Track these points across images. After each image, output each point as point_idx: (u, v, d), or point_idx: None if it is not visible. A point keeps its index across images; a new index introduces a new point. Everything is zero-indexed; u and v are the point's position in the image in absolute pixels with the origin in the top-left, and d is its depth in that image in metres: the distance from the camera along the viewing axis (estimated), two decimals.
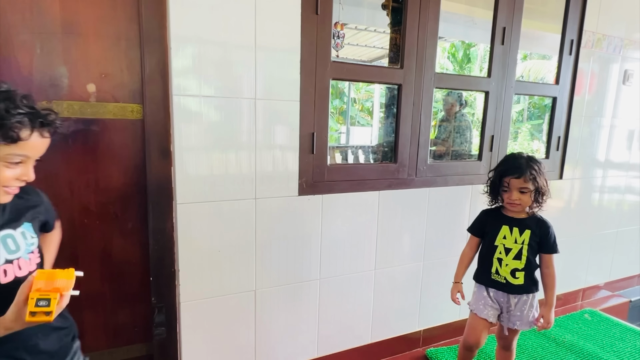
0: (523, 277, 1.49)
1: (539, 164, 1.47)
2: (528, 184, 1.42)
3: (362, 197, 1.75)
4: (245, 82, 1.44)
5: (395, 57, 1.85)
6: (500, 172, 1.49)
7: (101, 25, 1.39)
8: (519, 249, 1.49)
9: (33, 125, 0.80)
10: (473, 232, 1.62)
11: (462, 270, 1.62)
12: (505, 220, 1.52)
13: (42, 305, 0.73)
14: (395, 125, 1.79)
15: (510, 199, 1.45)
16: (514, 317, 1.54)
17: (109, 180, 1.49)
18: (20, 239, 0.87)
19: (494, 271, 1.54)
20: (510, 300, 1.53)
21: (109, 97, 1.44)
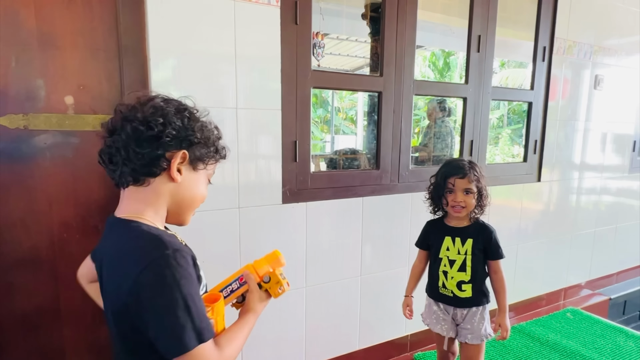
0: (470, 290, 1.45)
1: (480, 168, 1.45)
2: (472, 185, 1.40)
3: (346, 203, 1.76)
4: (226, 92, 1.45)
5: (376, 66, 1.89)
6: (444, 173, 1.44)
7: (79, 36, 1.38)
8: (462, 259, 1.44)
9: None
10: (419, 245, 1.58)
11: (412, 284, 1.59)
12: (448, 230, 1.48)
13: (284, 278, 0.88)
14: (377, 132, 1.82)
15: (455, 201, 1.41)
16: (464, 331, 1.48)
17: (89, 193, 1.46)
18: None
19: (440, 285, 1.49)
20: (459, 313, 1.48)
21: (87, 109, 1.42)
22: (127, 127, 0.71)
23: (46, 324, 1.46)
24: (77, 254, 1.47)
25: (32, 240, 1.41)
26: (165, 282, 0.65)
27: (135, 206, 0.75)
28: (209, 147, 0.79)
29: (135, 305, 0.66)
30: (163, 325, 0.65)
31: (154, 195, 0.75)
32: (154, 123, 0.71)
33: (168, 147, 0.73)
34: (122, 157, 0.71)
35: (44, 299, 1.45)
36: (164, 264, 0.66)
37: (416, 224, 1.97)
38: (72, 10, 1.36)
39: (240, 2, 1.41)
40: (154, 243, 0.69)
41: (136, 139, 0.70)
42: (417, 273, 1.59)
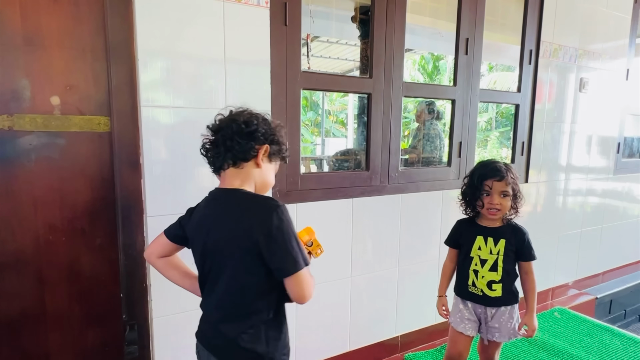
0: (500, 289, 1.46)
1: (514, 169, 1.47)
2: (509, 188, 1.41)
3: (335, 204, 1.77)
4: (215, 93, 1.45)
5: (365, 68, 1.90)
6: (481, 175, 1.44)
7: (65, 37, 1.36)
8: (494, 259, 1.46)
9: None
10: (449, 243, 1.59)
11: (445, 283, 1.60)
12: (480, 230, 1.49)
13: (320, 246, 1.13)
14: (367, 134, 1.83)
15: (492, 203, 1.41)
16: (492, 329, 1.51)
17: (75, 195, 1.44)
18: None
19: (470, 283, 1.50)
20: (487, 312, 1.50)
21: (74, 110, 1.40)
22: (233, 125, 1.00)
23: (31, 327, 1.43)
24: (63, 256, 1.45)
25: (16, 242, 1.38)
26: (285, 223, 0.94)
27: (236, 182, 1.01)
28: (281, 146, 1.06)
29: (266, 240, 0.92)
30: (286, 252, 0.93)
31: (247, 176, 1.02)
32: (251, 123, 1.00)
33: (258, 141, 1.00)
34: (226, 147, 0.99)
35: (29, 302, 1.42)
36: (283, 211, 0.95)
37: (406, 225, 1.99)
38: (58, 10, 1.34)
39: (229, 3, 1.41)
40: (270, 199, 0.98)
41: (239, 133, 0.98)
42: (449, 272, 1.60)
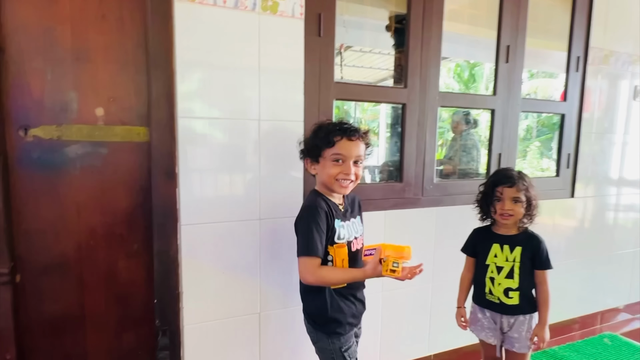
0: (518, 297, 1.46)
1: (528, 177, 1.48)
2: (520, 194, 1.42)
3: (367, 216, 1.72)
4: (249, 104, 1.46)
5: (400, 77, 1.87)
6: (492, 182, 1.48)
7: (110, 51, 1.43)
8: (510, 267, 1.46)
9: (340, 135, 1.23)
10: (466, 251, 1.60)
11: (463, 294, 1.59)
12: (496, 238, 1.50)
13: (395, 266, 1.19)
14: (400, 145, 1.78)
15: (503, 209, 1.43)
16: (512, 339, 1.50)
17: (115, 202, 1.50)
18: (358, 226, 1.39)
19: (487, 291, 1.50)
20: (506, 321, 1.49)
21: (116, 121, 1.46)
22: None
23: (71, 328, 1.49)
24: (102, 261, 1.51)
25: (60, 246, 1.45)
26: (303, 216, 1.27)
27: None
28: (314, 149, 1.27)
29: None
30: (299, 237, 1.27)
31: (315, 179, 1.35)
32: (299, 142, 1.36)
33: (301, 156, 1.35)
34: None
35: (70, 304, 1.48)
36: (307, 206, 1.28)
37: (441, 239, 1.91)
38: (104, 26, 1.41)
39: (264, 16, 1.43)
40: (309, 198, 1.32)
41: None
42: (467, 282, 1.60)
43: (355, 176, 1.25)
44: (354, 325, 1.38)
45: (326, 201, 1.28)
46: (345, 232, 1.30)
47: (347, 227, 1.31)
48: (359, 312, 1.41)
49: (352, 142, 1.22)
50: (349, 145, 1.22)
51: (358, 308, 1.40)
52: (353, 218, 1.36)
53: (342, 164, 1.23)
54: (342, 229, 1.29)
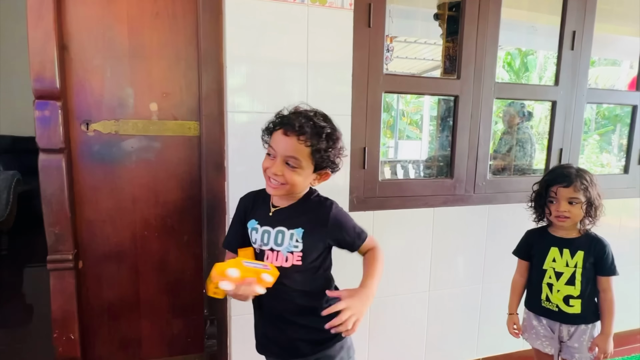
0: (579, 305, 1.34)
1: (591, 175, 1.34)
2: (578, 194, 1.29)
3: (415, 213, 1.67)
4: (296, 97, 1.45)
5: (452, 68, 1.78)
6: (546, 181, 1.37)
7: (163, 48, 1.47)
8: (571, 272, 1.34)
9: (278, 126, 1.01)
10: (518, 254, 1.49)
11: (515, 299, 1.49)
12: (554, 241, 1.38)
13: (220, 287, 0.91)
14: (452, 139, 1.70)
15: (558, 211, 1.32)
16: (571, 349, 1.38)
17: (167, 194, 1.55)
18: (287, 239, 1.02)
19: (544, 298, 1.40)
20: (565, 330, 1.38)
21: (169, 115, 1.51)
22: None
23: (127, 313, 1.57)
24: (155, 251, 1.57)
25: (118, 236, 1.52)
26: None
27: None
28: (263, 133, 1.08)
29: None
30: None
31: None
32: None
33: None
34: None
35: (126, 291, 1.56)
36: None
37: (493, 239, 1.82)
38: (158, 24, 1.45)
39: (313, 7, 1.41)
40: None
41: None
42: (519, 287, 1.50)
43: (285, 179, 0.97)
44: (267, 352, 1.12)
45: (258, 196, 1.10)
46: (258, 237, 1.04)
47: (264, 234, 1.03)
48: (271, 338, 1.09)
49: (287, 137, 0.96)
50: (282, 141, 0.97)
51: (267, 331, 1.10)
52: (285, 228, 1.02)
53: (273, 159, 0.99)
54: (255, 233, 1.04)
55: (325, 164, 0.98)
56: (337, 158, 1.00)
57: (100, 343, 1.56)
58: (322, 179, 1.03)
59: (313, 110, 1.02)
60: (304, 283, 1.04)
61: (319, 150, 0.95)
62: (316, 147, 0.95)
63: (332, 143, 0.98)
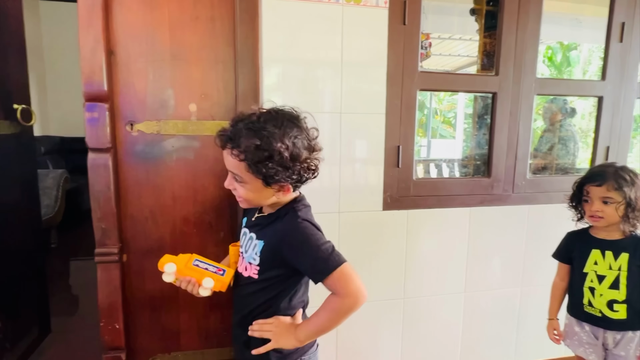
0: (625, 311, 1.27)
1: (633, 174, 1.26)
2: (612, 194, 1.23)
3: (451, 213, 1.64)
4: (330, 96, 1.46)
5: (489, 64, 1.73)
6: (580, 180, 1.34)
7: (202, 50, 1.52)
8: (615, 276, 1.28)
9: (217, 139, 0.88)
10: (558, 257, 1.44)
11: (556, 304, 1.44)
12: (596, 243, 1.32)
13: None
14: (489, 137, 1.65)
15: (591, 210, 1.28)
16: (617, 357, 1.31)
17: (205, 192, 1.60)
18: (251, 247, 0.94)
19: (586, 302, 1.34)
20: (610, 337, 1.31)
21: (207, 116, 1.56)
22: None
23: (167, 306, 1.64)
24: (193, 247, 1.63)
25: (159, 232, 1.59)
26: None
27: None
28: None
29: None
30: None
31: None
32: None
33: None
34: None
35: (166, 284, 1.61)
36: None
37: (533, 240, 1.75)
38: (198, 26, 1.50)
39: (348, 7, 1.41)
40: None
41: None
42: (559, 292, 1.46)
43: (238, 194, 0.90)
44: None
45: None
46: (241, 239, 1.01)
47: (244, 236, 1.00)
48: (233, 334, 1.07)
49: (224, 152, 0.86)
50: (224, 155, 0.87)
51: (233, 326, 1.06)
52: (255, 236, 0.95)
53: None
54: (242, 234, 1.01)
55: (273, 178, 0.83)
56: (285, 172, 0.83)
57: (142, 333, 1.64)
58: (285, 191, 0.88)
59: (257, 114, 0.86)
60: (257, 299, 0.93)
61: (255, 164, 0.81)
62: (251, 161, 0.81)
63: (268, 155, 0.80)
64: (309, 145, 0.86)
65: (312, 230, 0.87)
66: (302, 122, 0.87)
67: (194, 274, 0.92)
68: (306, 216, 0.89)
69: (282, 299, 0.92)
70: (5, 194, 1.73)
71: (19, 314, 1.79)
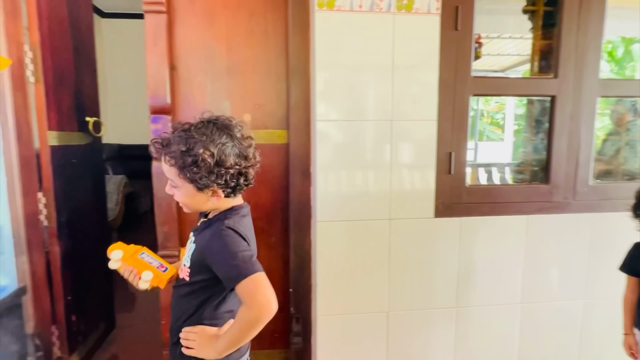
0: None
1: None
2: None
3: (506, 221, 1.59)
4: (381, 103, 1.47)
5: (546, 65, 1.66)
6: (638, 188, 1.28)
7: (256, 63, 1.59)
8: None
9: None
10: (625, 270, 1.35)
11: (629, 318, 1.34)
12: None
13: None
14: (548, 142, 1.58)
15: None
16: None
17: (257, 198, 1.67)
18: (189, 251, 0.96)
19: None
20: None
21: (260, 125, 1.62)
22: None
23: None
24: None
25: None
26: None
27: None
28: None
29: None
30: None
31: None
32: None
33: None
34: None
35: None
36: None
37: (597, 250, 1.65)
38: (252, 41, 1.57)
39: (399, 15, 1.42)
40: None
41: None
42: (631, 305, 1.37)
43: (177, 199, 0.93)
44: None
45: None
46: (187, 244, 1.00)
47: (189, 241, 0.99)
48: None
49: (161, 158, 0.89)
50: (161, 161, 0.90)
51: None
52: (193, 238, 0.97)
53: None
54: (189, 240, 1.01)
55: (199, 182, 0.85)
56: (210, 176, 0.85)
57: None
58: (217, 197, 0.90)
59: (190, 124, 0.89)
60: (187, 302, 0.94)
61: (182, 169, 0.85)
62: (179, 166, 0.85)
63: (193, 160, 0.83)
64: (239, 153, 0.89)
65: (233, 238, 0.87)
66: (234, 130, 0.89)
67: (137, 265, 0.95)
68: (233, 224, 0.89)
69: (209, 306, 0.93)
70: (81, 200, 1.90)
71: (90, 311, 1.95)
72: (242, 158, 0.90)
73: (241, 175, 0.90)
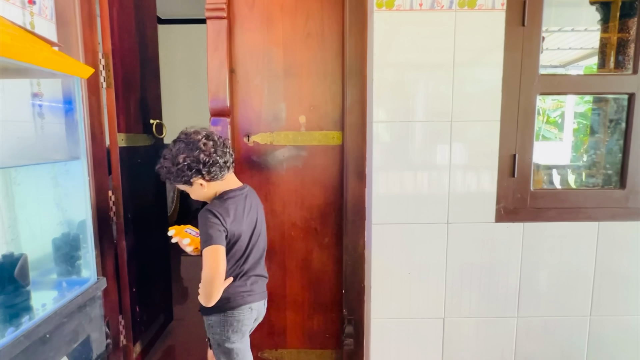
0: None
1: None
2: None
3: (575, 228, 1.49)
4: (441, 105, 1.43)
5: (622, 61, 1.53)
6: None
7: (312, 65, 1.60)
8: None
9: None
10: None
11: None
12: None
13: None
14: (624, 144, 1.46)
15: None
16: None
17: (312, 199, 1.68)
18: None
19: None
20: None
21: (315, 127, 1.63)
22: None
23: (276, 305, 1.75)
24: (299, 250, 1.72)
25: (270, 234, 1.70)
26: None
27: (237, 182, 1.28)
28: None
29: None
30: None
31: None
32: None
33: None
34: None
35: (275, 284, 1.74)
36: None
37: None
38: (309, 43, 1.59)
39: (461, 12, 1.37)
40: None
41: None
42: None
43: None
44: None
45: None
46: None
47: None
48: None
49: None
50: None
51: None
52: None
53: None
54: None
55: (177, 179, 1.17)
56: (176, 173, 1.15)
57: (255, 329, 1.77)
58: (201, 185, 1.18)
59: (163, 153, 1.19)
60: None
61: (176, 180, 1.18)
62: (175, 180, 1.18)
63: (164, 168, 1.17)
64: (190, 153, 1.14)
65: (208, 216, 1.13)
66: (191, 138, 1.15)
67: (181, 235, 1.28)
68: (212, 206, 1.15)
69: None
70: (145, 197, 2.02)
71: (151, 302, 2.07)
72: (193, 154, 1.14)
73: (191, 167, 1.14)
